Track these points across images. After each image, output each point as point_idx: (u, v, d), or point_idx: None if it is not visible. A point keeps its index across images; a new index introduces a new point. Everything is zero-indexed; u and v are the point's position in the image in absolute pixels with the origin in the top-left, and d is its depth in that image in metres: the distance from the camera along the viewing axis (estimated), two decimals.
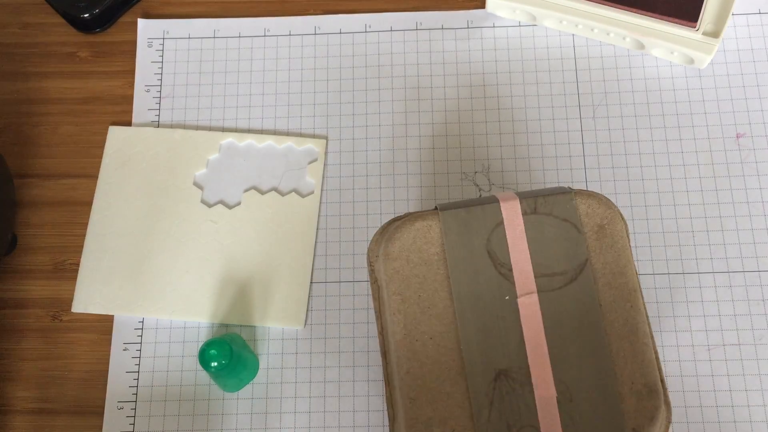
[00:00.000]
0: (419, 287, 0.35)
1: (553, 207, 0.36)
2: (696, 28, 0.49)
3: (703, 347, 0.45)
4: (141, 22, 0.53)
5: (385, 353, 0.37)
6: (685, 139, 0.49)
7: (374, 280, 0.38)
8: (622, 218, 0.37)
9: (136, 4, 0.54)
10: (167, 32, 0.53)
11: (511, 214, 0.36)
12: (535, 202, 0.36)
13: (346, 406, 0.44)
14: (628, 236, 0.37)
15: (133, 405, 0.45)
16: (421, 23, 0.53)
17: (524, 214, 0.36)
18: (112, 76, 0.52)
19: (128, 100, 0.52)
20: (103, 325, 0.47)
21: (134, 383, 0.46)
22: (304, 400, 0.45)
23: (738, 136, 0.49)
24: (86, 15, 0.52)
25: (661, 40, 0.49)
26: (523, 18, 0.52)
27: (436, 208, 0.38)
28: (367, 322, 0.46)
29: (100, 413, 0.45)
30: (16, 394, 0.46)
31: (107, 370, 0.46)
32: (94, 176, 0.50)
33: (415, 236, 0.36)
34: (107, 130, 0.51)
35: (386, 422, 0.44)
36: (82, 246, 0.48)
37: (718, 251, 0.46)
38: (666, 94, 0.50)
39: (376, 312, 0.38)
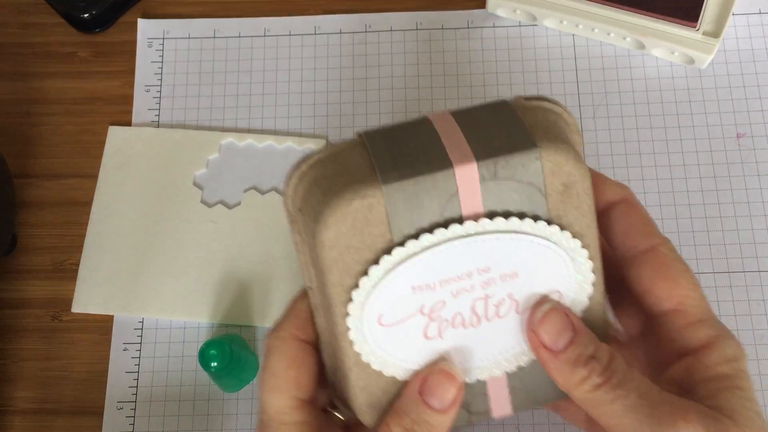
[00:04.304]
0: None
1: (516, 170, 0.30)
2: (696, 28, 0.49)
3: None
4: (141, 22, 0.53)
5: (316, 307, 0.33)
6: (686, 139, 0.49)
7: (297, 231, 0.33)
8: (588, 173, 0.32)
9: (136, 4, 0.54)
10: (167, 32, 0.53)
11: (468, 183, 0.30)
12: (495, 165, 0.30)
13: None
14: (591, 194, 0.32)
15: (132, 405, 0.45)
16: (421, 23, 0.53)
17: (482, 180, 0.30)
18: (112, 76, 0.52)
19: (128, 100, 0.52)
20: (103, 325, 0.47)
21: (134, 383, 0.46)
22: None
23: (738, 136, 0.49)
24: (86, 15, 0.52)
25: (661, 40, 0.49)
26: (523, 18, 0.52)
27: (360, 137, 0.31)
28: None
29: (99, 413, 0.45)
30: (15, 394, 0.46)
31: (107, 371, 0.46)
32: (94, 176, 0.50)
33: (353, 219, 0.29)
34: (107, 130, 0.51)
35: None
36: (82, 246, 0.48)
37: (718, 251, 0.46)
38: (666, 94, 0.50)
39: (302, 263, 0.33)
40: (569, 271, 0.31)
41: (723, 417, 0.29)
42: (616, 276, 0.33)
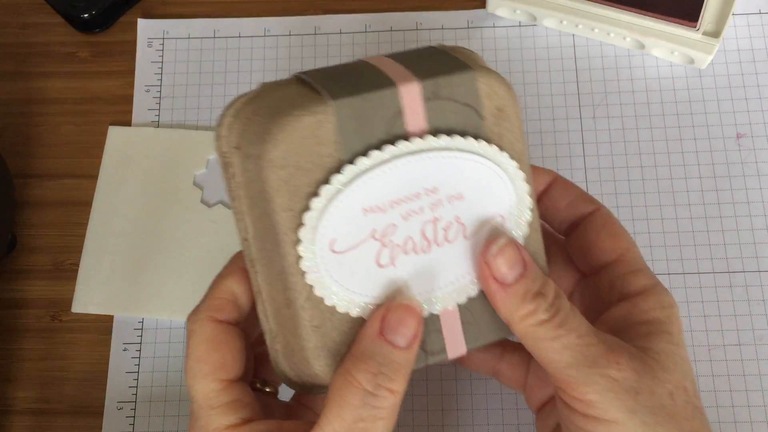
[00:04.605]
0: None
1: (456, 90, 0.31)
2: (696, 28, 0.49)
3: (704, 347, 0.45)
4: (141, 22, 0.53)
5: (252, 262, 0.32)
6: (686, 139, 0.49)
7: (231, 175, 0.31)
8: (516, 99, 0.33)
9: (136, 4, 0.54)
10: (167, 32, 0.53)
11: (412, 100, 0.30)
12: (437, 85, 0.31)
13: None
14: (521, 119, 0.33)
15: (132, 405, 0.45)
16: (421, 23, 0.53)
17: (425, 99, 0.30)
18: (111, 76, 0.52)
19: (128, 100, 0.52)
20: (103, 325, 0.47)
21: (134, 383, 0.46)
22: None
23: (738, 136, 0.49)
24: (85, 15, 0.52)
25: (661, 40, 0.49)
26: (523, 18, 0.52)
27: (300, 79, 0.31)
28: None
29: (99, 413, 0.45)
30: (15, 394, 0.46)
31: (107, 371, 0.46)
32: (94, 176, 0.50)
33: (302, 136, 0.29)
34: (107, 130, 0.51)
35: None
36: (82, 246, 0.48)
37: (718, 251, 0.46)
38: (666, 94, 0.50)
39: (237, 213, 0.32)
40: (510, 194, 0.32)
41: (650, 359, 0.31)
42: (547, 247, 0.35)
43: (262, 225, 0.30)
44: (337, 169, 0.29)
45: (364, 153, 0.30)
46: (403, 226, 0.30)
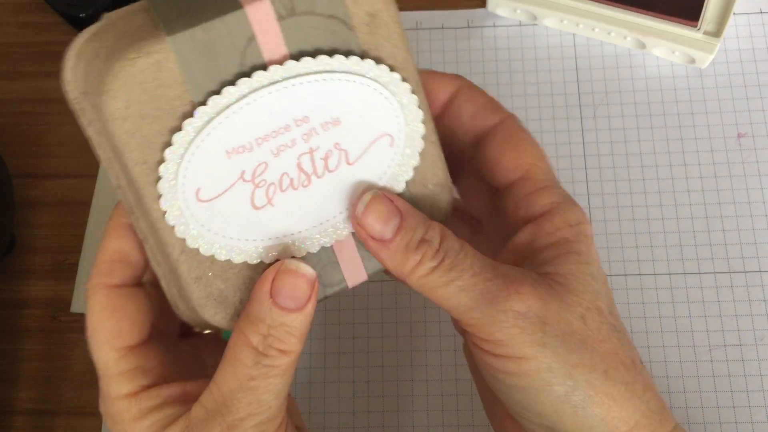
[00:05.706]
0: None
1: (314, 2, 0.27)
2: (697, 28, 0.48)
3: (705, 348, 0.45)
4: None
5: (131, 208, 0.29)
6: (686, 138, 0.49)
7: (88, 123, 0.28)
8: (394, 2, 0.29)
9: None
10: None
11: (264, 22, 0.27)
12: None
13: (345, 407, 0.44)
14: (400, 23, 0.30)
15: None
16: (421, 23, 0.52)
17: (280, 19, 0.27)
18: None
19: None
20: None
21: None
22: (303, 400, 0.45)
23: (739, 136, 0.49)
24: (83, 14, 0.51)
25: (662, 39, 0.49)
26: (524, 17, 0.52)
27: (145, 8, 0.27)
28: (367, 323, 0.46)
29: (99, 414, 0.45)
30: (14, 394, 0.46)
31: None
32: (93, 176, 0.50)
33: (141, 82, 0.26)
34: None
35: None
36: (81, 246, 0.48)
37: (719, 251, 0.46)
38: (667, 94, 0.50)
39: (105, 160, 0.29)
40: (395, 110, 0.30)
41: (556, 284, 0.29)
42: (458, 161, 0.33)
43: (126, 170, 0.28)
44: (190, 113, 0.27)
45: (218, 91, 0.27)
46: (276, 163, 0.28)
